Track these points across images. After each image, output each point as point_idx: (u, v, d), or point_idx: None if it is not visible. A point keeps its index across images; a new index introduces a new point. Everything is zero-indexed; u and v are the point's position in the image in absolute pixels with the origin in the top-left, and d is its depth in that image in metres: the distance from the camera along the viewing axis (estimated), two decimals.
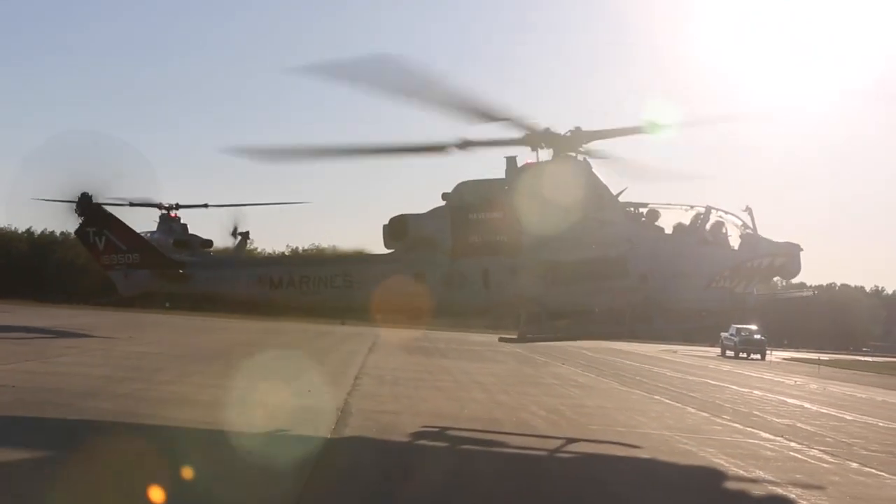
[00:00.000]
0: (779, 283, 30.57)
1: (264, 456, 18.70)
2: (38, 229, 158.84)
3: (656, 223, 26.08)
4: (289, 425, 23.09)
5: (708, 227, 26.12)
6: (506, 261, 25.18)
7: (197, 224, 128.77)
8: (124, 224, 26.35)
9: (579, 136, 25.08)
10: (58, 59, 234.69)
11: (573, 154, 25.54)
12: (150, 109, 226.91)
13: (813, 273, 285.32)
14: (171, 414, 23.10)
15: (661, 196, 26.57)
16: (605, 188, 25.88)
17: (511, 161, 25.68)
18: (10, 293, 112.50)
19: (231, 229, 70.53)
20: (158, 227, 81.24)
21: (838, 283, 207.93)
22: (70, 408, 23.11)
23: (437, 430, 24.44)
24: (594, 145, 25.27)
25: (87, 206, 25.99)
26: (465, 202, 25.44)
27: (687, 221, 26.17)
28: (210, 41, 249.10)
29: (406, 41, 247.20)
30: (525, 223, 25.05)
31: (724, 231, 26.31)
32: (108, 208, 27.25)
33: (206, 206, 73.08)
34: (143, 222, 69.75)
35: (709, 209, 26.17)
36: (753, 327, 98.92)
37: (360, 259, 26.44)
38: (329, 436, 21.69)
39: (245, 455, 18.80)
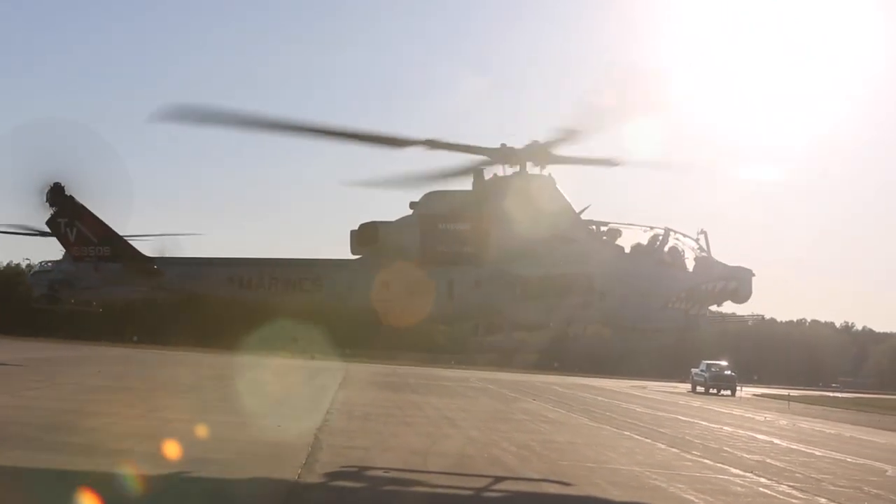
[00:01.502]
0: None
1: (235, 492, 18.64)
2: (3, 261, 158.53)
3: (616, 242, 26.55)
4: (259, 461, 22.97)
5: (666, 248, 26.66)
6: (470, 271, 25.53)
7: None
8: (96, 217, 26.05)
9: (538, 149, 25.31)
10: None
11: (538, 168, 25.82)
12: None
13: (784, 309, 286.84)
14: (139, 449, 22.97)
15: (621, 217, 27.21)
16: (569, 205, 26.33)
17: (478, 173, 26.03)
18: None
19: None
20: (64, 257, 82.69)
21: (808, 319, 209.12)
22: (38, 442, 22.99)
23: (407, 466, 24.37)
24: (559, 153, 25.40)
25: (59, 195, 25.76)
26: (433, 212, 25.68)
27: (646, 242, 26.63)
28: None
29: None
30: (489, 236, 25.33)
31: (681, 253, 26.85)
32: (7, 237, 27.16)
33: None
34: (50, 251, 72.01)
35: (667, 231, 26.73)
36: (724, 363, 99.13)
37: (328, 264, 26.54)
38: (299, 471, 21.59)
39: (215, 491, 18.74)
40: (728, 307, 29.03)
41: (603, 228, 26.63)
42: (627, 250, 26.54)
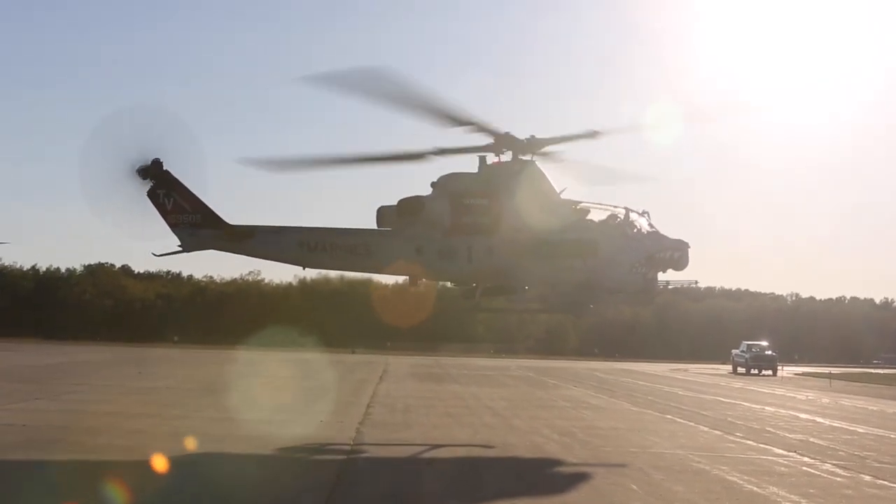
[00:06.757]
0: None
1: (278, 488, 18.75)
2: (42, 266, 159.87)
3: (587, 217, 30.88)
4: (302, 457, 23.13)
5: (627, 223, 30.96)
6: (484, 240, 29.56)
7: None
8: (188, 189, 28.84)
9: (535, 142, 29.67)
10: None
11: (528, 156, 30.09)
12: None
13: (822, 286, 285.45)
14: (181, 448, 23.13)
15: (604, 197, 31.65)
16: (553, 186, 30.65)
17: (482, 160, 30.28)
18: (16, 331, 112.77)
19: None
20: None
21: (847, 297, 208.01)
22: (80, 446, 23.13)
23: (449, 456, 24.46)
24: (552, 150, 29.83)
25: (158, 169, 28.60)
26: (452, 190, 29.73)
27: (611, 218, 31.01)
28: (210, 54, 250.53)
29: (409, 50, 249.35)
30: (498, 210, 29.51)
31: (638, 227, 31.14)
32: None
33: None
34: None
35: (627, 210, 31.07)
36: (764, 343, 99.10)
37: (375, 233, 30.02)
38: (342, 464, 21.69)
39: (259, 488, 18.85)
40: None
41: (577, 206, 30.81)
42: (598, 224, 30.79)
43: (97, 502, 16.61)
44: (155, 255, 30.31)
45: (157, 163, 28.58)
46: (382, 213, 29.88)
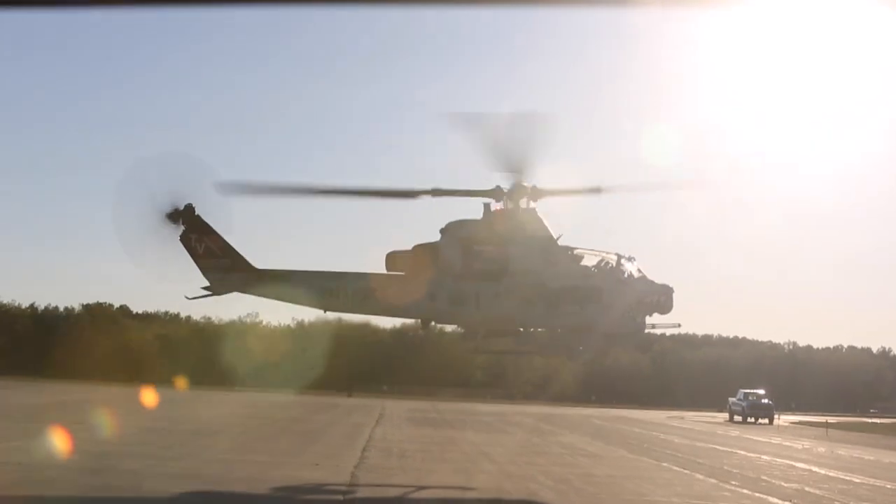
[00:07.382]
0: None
1: None
2: (41, 304, 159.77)
3: (583, 263, 32.00)
4: (298, 497, 23.21)
5: (619, 269, 31.95)
6: (491, 286, 30.59)
7: None
8: (219, 234, 29.81)
9: (537, 192, 30.47)
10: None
11: (531, 203, 30.91)
12: None
13: (819, 335, 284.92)
14: (178, 490, 23.17)
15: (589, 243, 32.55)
16: (551, 233, 31.48)
17: (486, 206, 31.03)
18: (14, 369, 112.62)
19: None
20: None
21: (845, 346, 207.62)
22: (75, 485, 23.17)
23: (444, 499, 24.54)
24: (544, 188, 30.56)
25: (190, 214, 29.59)
26: (460, 237, 30.88)
27: (604, 264, 32.07)
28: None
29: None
30: (502, 258, 30.69)
31: (629, 273, 32.06)
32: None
33: None
34: None
35: (619, 256, 32.12)
36: (761, 391, 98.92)
37: (390, 278, 30.84)
38: None
39: None
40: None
41: (574, 252, 31.87)
42: (593, 270, 31.93)
43: None
44: (187, 297, 30.74)
45: (189, 208, 29.41)
46: (393, 258, 30.80)
